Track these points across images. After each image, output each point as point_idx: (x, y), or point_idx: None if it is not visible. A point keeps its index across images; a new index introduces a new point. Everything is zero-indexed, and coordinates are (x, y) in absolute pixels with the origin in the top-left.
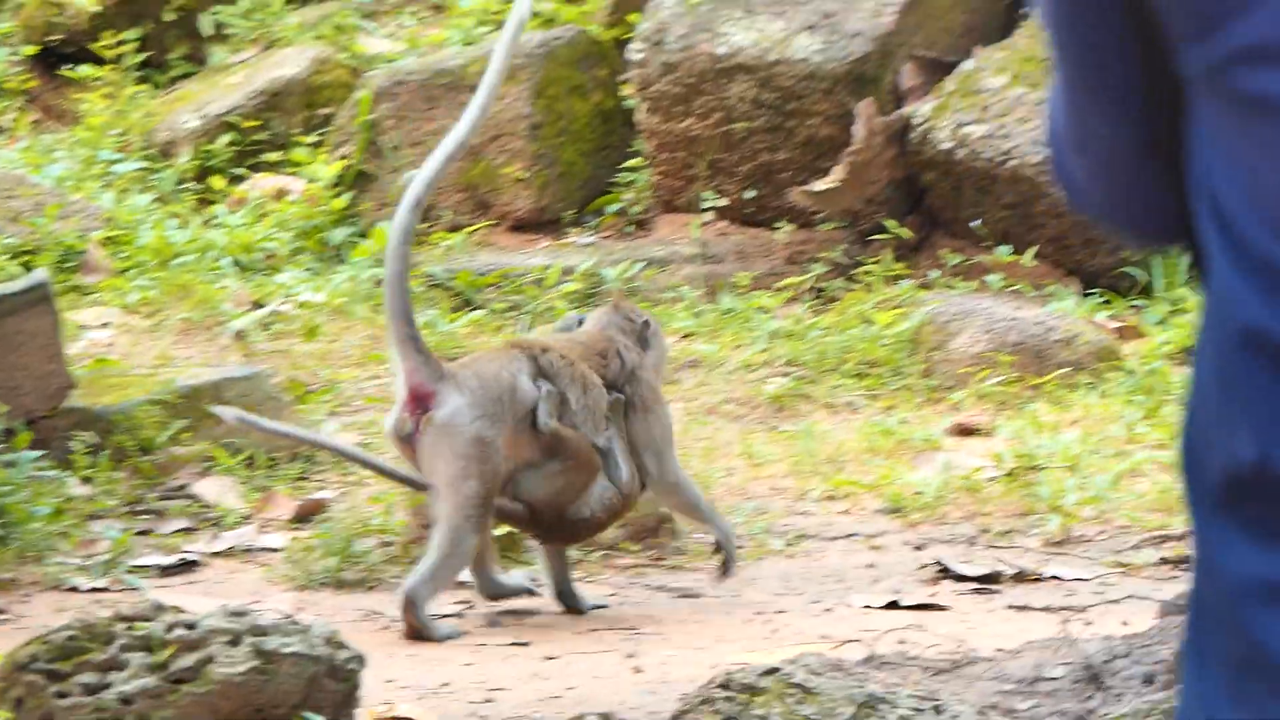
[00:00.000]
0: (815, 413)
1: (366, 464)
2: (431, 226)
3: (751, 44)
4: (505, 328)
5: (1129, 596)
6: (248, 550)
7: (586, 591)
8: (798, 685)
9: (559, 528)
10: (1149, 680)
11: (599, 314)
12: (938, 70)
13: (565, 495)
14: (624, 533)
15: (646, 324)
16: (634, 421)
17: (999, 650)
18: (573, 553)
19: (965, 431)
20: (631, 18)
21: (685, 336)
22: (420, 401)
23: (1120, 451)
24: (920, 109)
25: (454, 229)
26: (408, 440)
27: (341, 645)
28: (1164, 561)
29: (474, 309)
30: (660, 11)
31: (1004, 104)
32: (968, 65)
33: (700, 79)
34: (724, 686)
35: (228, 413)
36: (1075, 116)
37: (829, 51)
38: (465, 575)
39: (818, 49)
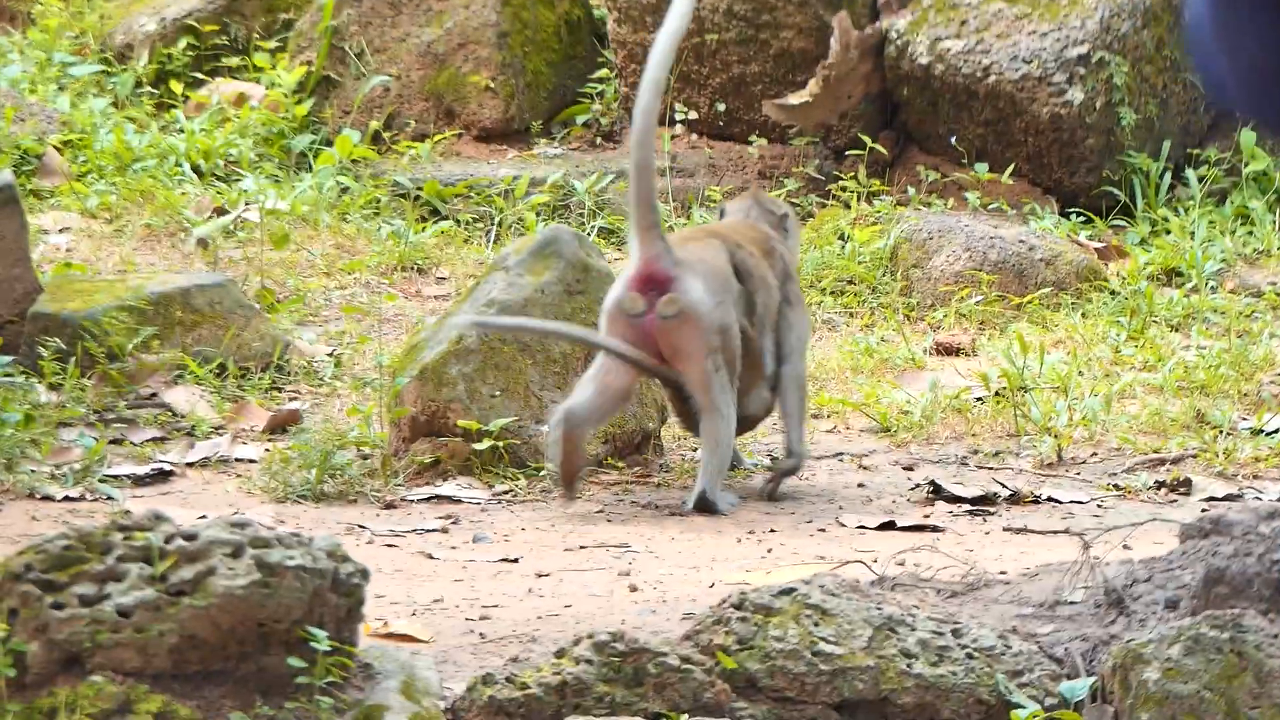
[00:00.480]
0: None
1: (614, 350)
2: (396, 135)
3: None
4: (473, 239)
5: (1152, 519)
6: (223, 461)
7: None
8: (814, 606)
9: None
10: (1172, 605)
11: (741, 204)
12: None
13: (741, 394)
14: (608, 448)
15: (786, 215)
16: (785, 315)
17: (1015, 573)
18: (554, 468)
19: (947, 350)
20: None
21: None
22: (655, 284)
23: (1107, 373)
24: (897, 23)
25: (419, 138)
26: (635, 319)
27: (345, 559)
28: (1160, 485)
29: (441, 219)
30: None
31: (983, 18)
32: None
33: None
34: (738, 607)
35: (462, 320)
36: (1226, 16)
37: None
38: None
39: None
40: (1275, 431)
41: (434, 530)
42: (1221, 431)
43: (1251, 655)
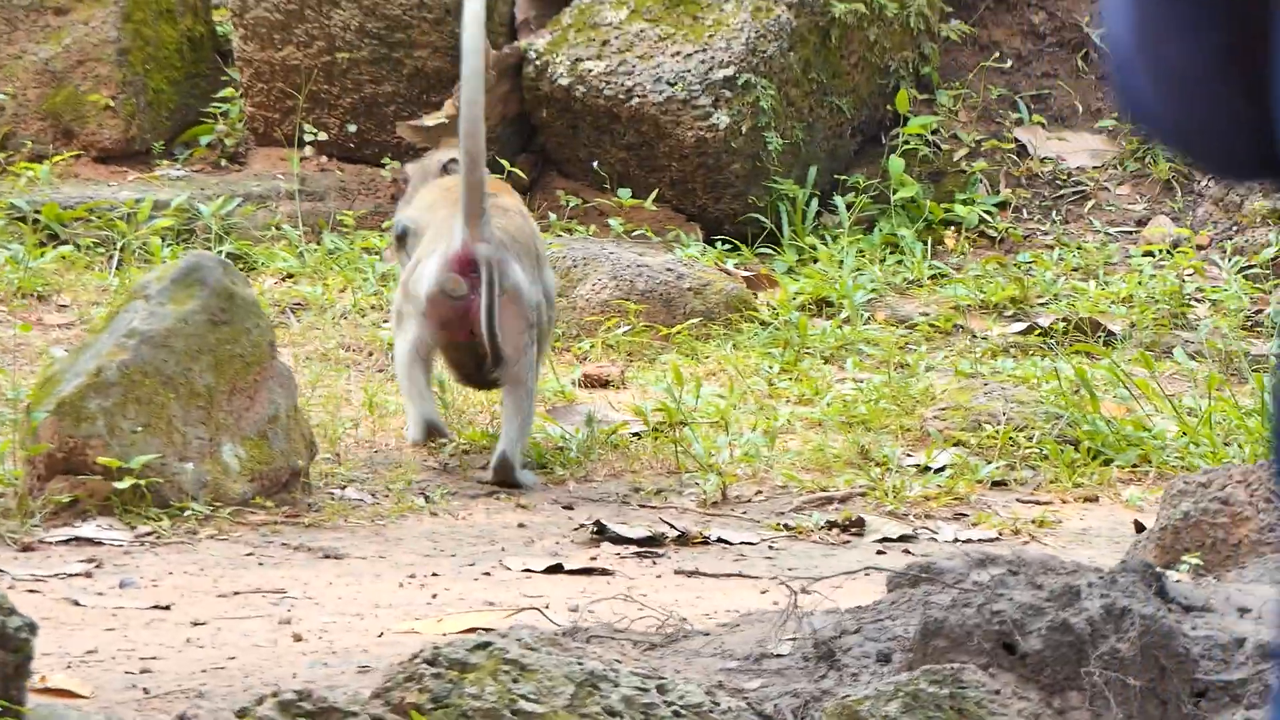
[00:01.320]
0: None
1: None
2: (11, 156)
3: None
4: (95, 264)
5: (865, 569)
6: None
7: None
8: (512, 661)
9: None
10: (885, 658)
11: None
12: (553, 2)
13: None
14: (255, 486)
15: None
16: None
17: (715, 624)
18: (202, 508)
19: (596, 383)
20: None
21: (288, 278)
22: (477, 266)
23: (763, 406)
24: (535, 43)
25: (36, 159)
26: (456, 300)
27: (11, 611)
28: (832, 525)
29: (61, 243)
30: None
31: (625, 39)
32: None
33: (302, 5)
34: (430, 662)
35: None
36: (1145, 24)
37: None
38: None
39: None
40: (942, 469)
41: (77, 574)
42: (888, 469)
43: (972, 712)
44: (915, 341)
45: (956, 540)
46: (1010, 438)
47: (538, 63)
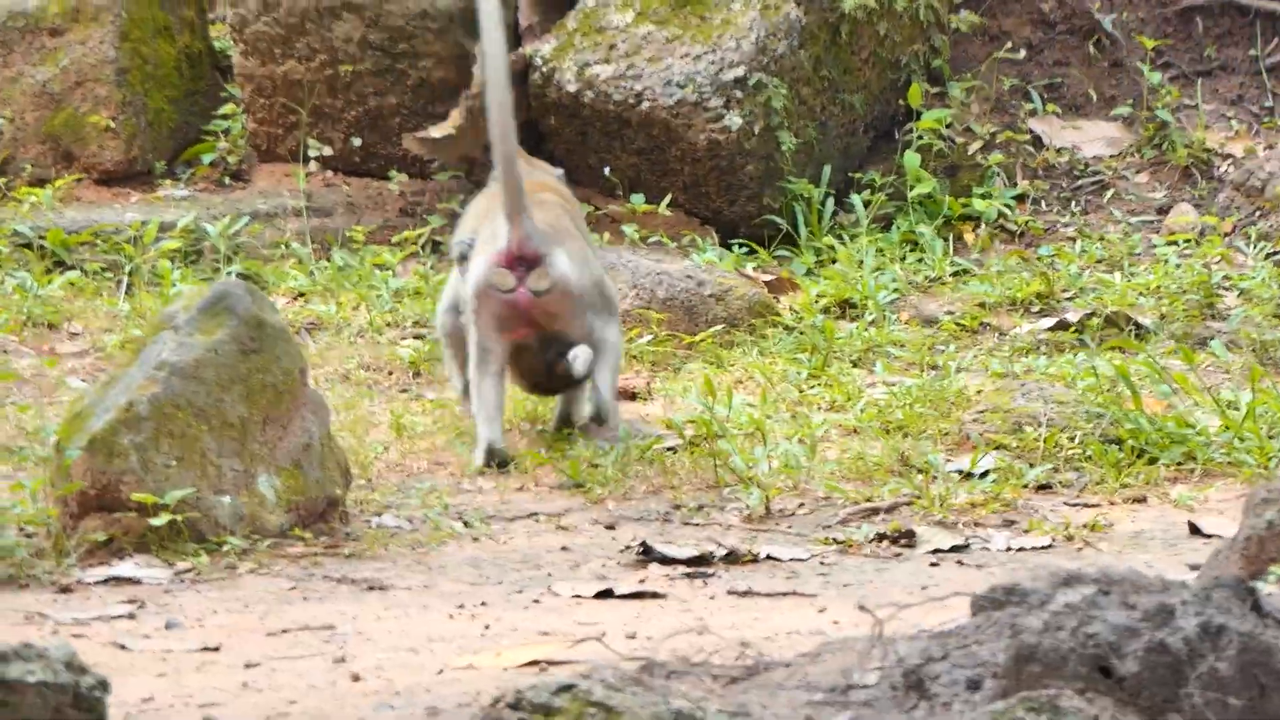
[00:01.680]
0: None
1: None
2: (11, 181)
3: None
4: (104, 290)
5: (954, 594)
6: None
7: None
8: (598, 704)
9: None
10: (974, 685)
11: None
12: (557, 6)
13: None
14: (292, 517)
15: (562, 175)
16: None
17: (795, 653)
18: (240, 542)
19: (623, 394)
20: None
21: (300, 297)
22: (524, 261)
23: (795, 414)
24: (541, 49)
25: (38, 183)
26: (506, 294)
27: (84, 669)
28: (881, 537)
29: (68, 269)
30: None
31: (632, 42)
32: (589, 1)
33: (303, 19)
34: (514, 706)
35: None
36: None
37: None
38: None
39: None
40: (985, 474)
41: (120, 616)
42: (930, 476)
43: None
44: (943, 341)
45: (1009, 549)
46: (1053, 439)
47: (544, 69)
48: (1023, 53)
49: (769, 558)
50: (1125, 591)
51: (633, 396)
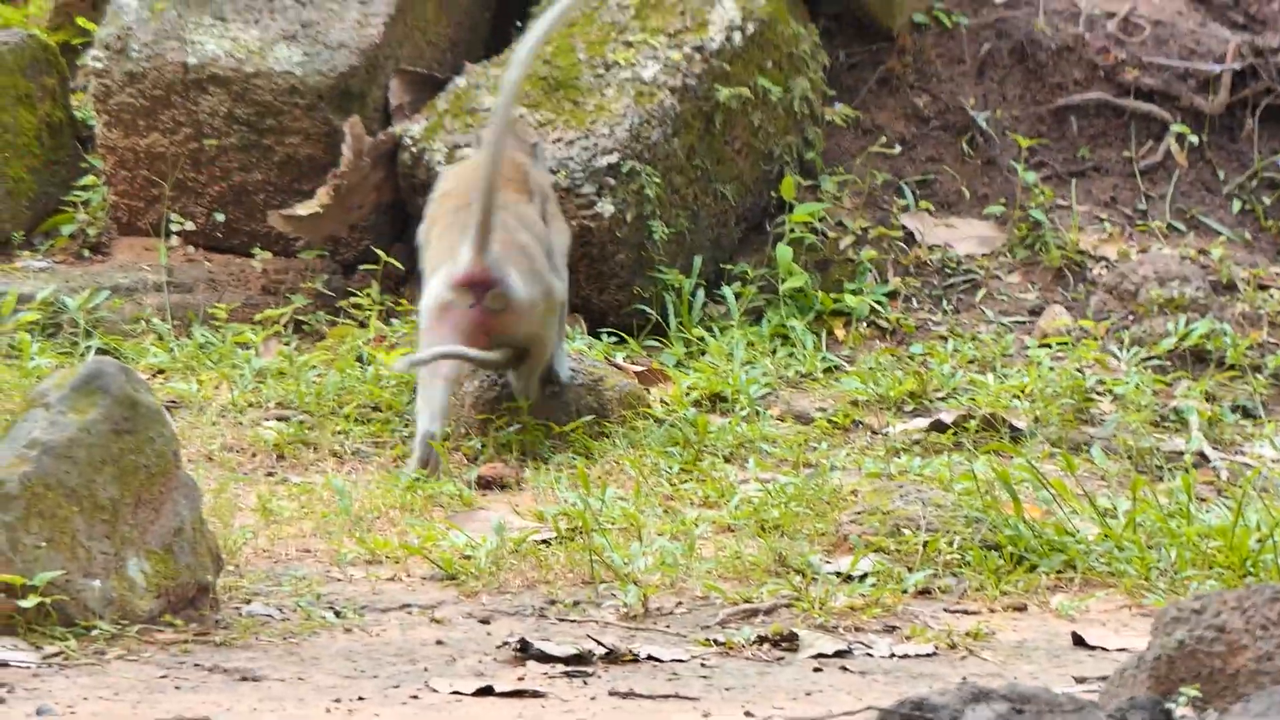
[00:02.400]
0: (322, 462)
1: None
2: None
3: (225, 54)
4: None
5: (866, 707)
6: None
7: None
8: None
9: None
10: None
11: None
12: (428, 86)
13: None
14: (161, 603)
15: (536, 144)
16: (549, 233)
17: None
18: (109, 627)
19: (490, 484)
20: (81, 21)
21: (160, 374)
22: (481, 285)
23: (669, 510)
24: (411, 129)
25: None
26: (467, 308)
27: None
28: (763, 640)
29: None
30: (122, 16)
31: None
32: (460, 82)
33: (168, 91)
34: None
35: (399, 364)
36: None
37: (311, 64)
38: None
39: (299, 61)
40: (865, 576)
41: None
42: (809, 577)
43: None
44: (815, 438)
45: (893, 655)
46: (933, 544)
47: (414, 149)
48: (897, 148)
49: (650, 658)
50: (1039, 711)
51: (502, 487)
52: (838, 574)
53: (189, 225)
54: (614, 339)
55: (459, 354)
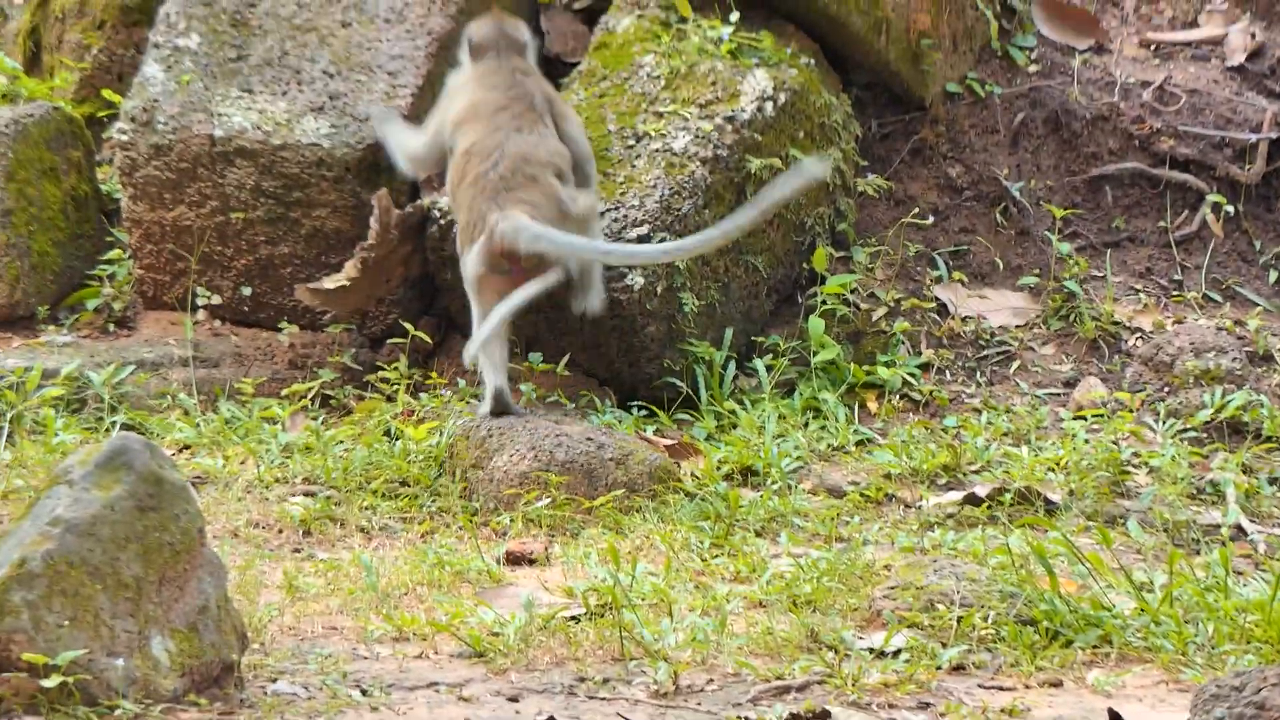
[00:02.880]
0: (349, 538)
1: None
2: None
3: (252, 126)
4: None
5: None
6: None
7: None
8: None
9: None
10: None
11: (488, 32)
12: None
13: None
14: (185, 682)
15: (527, 44)
16: (564, 133)
17: None
18: (132, 707)
19: (519, 560)
20: (107, 93)
21: (185, 449)
22: (513, 253)
23: (700, 585)
24: (440, 201)
25: None
26: (504, 273)
27: None
28: (795, 718)
29: None
30: (148, 88)
31: None
32: None
33: (195, 164)
34: None
35: (469, 352)
36: None
37: (339, 136)
38: None
39: (326, 133)
40: (898, 652)
41: None
42: (842, 653)
43: None
44: (848, 512)
45: None
46: (968, 619)
47: (442, 222)
48: (930, 218)
49: None
50: None
51: (531, 562)
52: (871, 650)
53: (215, 299)
54: (644, 412)
55: (515, 304)
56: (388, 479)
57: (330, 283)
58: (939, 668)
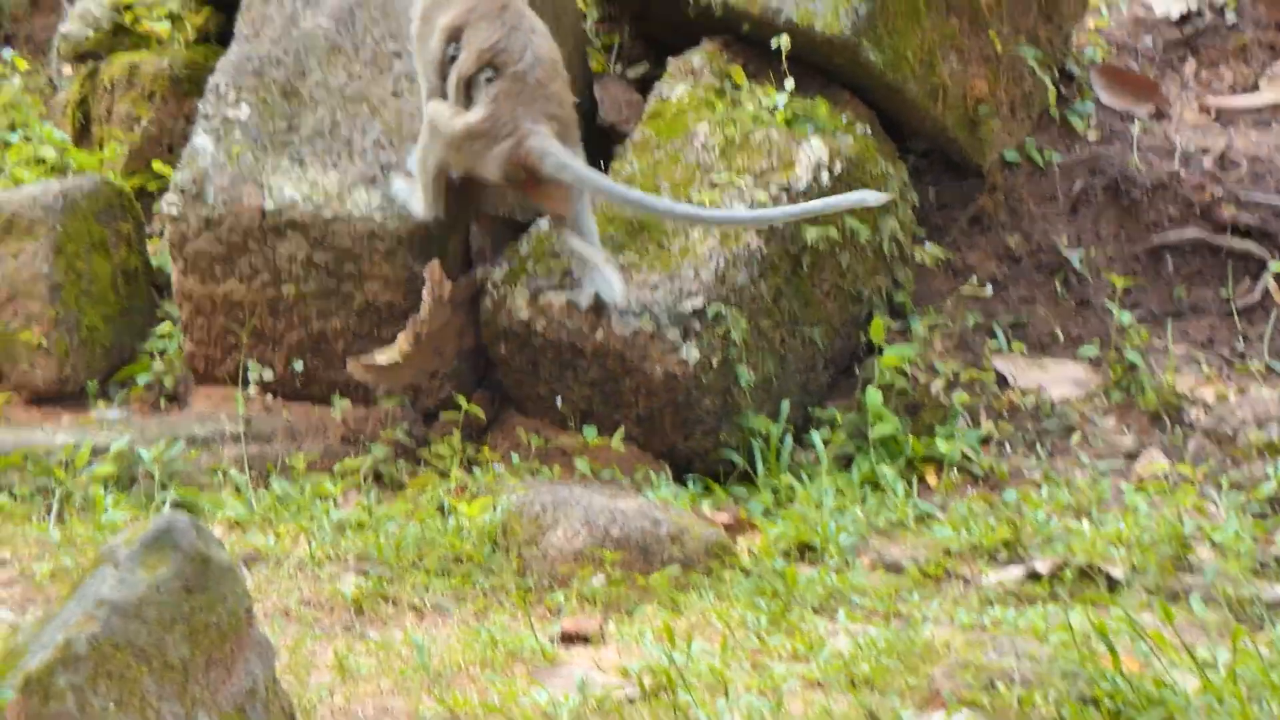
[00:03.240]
0: (401, 617)
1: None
2: None
3: (304, 198)
4: (34, 515)
5: None
6: None
7: None
8: None
9: None
10: None
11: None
12: (509, 230)
13: None
14: None
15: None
16: None
17: None
18: None
19: (574, 638)
20: (157, 165)
21: (237, 526)
22: (530, 170)
23: (756, 664)
24: (493, 273)
25: None
26: (521, 185)
27: None
28: None
29: None
30: (199, 160)
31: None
32: (542, 225)
33: (245, 237)
34: None
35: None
36: None
37: (391, 208)
38: None
39: (379, 205)
40: None
41: None
42: None
43: None
44: (907, 589)
45: None
46: (1029, 699)
47: (496, 294)
48: (988, 288)
49: None
50: None
51: (585, 641)
52: None
53: (267, 374)
54: (699, 487)
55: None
56: (441, 556)
57: (383, 357)
58: None
